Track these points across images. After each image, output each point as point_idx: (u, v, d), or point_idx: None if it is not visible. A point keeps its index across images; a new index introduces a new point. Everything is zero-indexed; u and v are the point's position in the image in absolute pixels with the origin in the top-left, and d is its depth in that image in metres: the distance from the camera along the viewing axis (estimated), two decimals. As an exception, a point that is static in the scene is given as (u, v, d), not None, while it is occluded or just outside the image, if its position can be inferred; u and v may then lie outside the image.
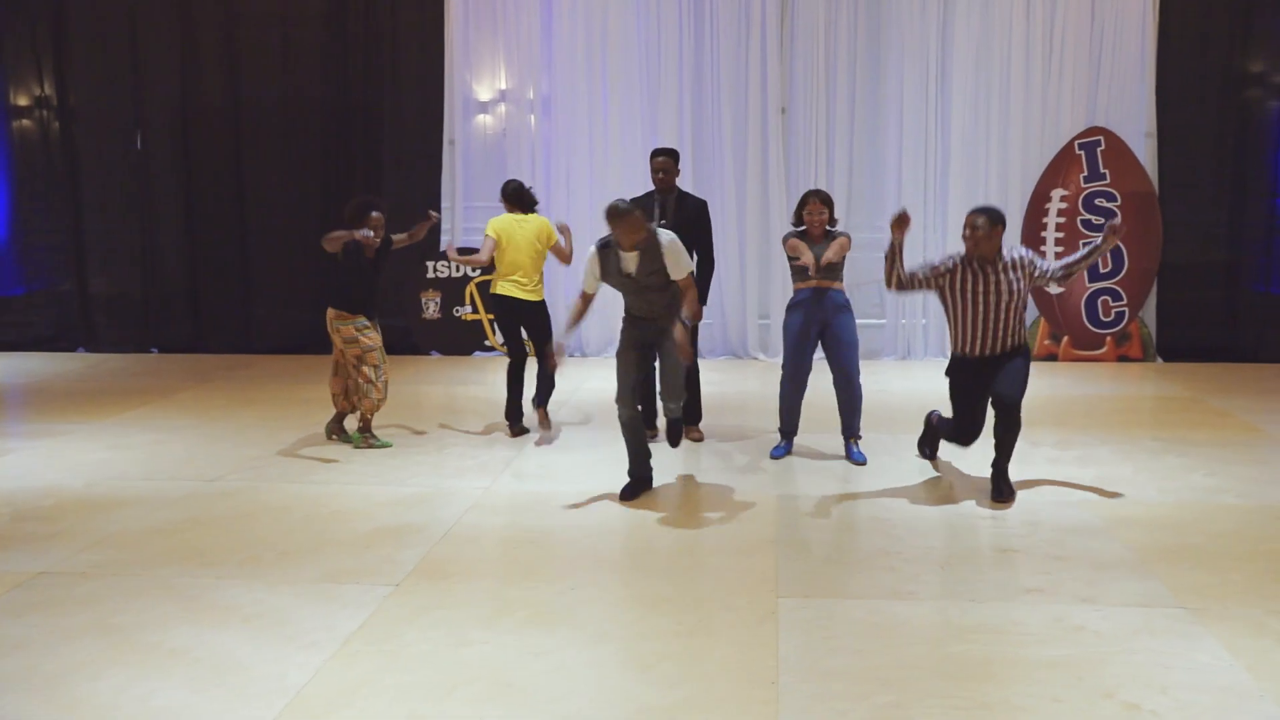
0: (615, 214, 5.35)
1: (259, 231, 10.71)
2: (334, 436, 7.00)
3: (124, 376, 9.57)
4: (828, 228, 6.34)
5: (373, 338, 6.67)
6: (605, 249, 5.54)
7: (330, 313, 6.66)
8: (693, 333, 6.09)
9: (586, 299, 5.69)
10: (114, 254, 10.95)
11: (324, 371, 9.58)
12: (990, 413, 5.58)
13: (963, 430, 5.67)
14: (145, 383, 9.21)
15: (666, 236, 5.49)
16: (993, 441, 5.60)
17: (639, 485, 5.77)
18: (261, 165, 10.66)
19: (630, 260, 5.48)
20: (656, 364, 5.84)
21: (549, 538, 5.11)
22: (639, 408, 5.74)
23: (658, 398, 6.34)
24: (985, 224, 5.30)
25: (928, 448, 6.31)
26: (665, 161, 6.69)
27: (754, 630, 4.01)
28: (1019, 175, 9.91)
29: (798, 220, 6.38)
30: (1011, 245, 5.52)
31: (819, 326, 6.30)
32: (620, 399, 5.66)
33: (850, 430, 6.42)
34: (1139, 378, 9.26)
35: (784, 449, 6.52)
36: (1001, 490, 5.58)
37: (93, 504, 5.67)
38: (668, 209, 6.67)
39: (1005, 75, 9.80)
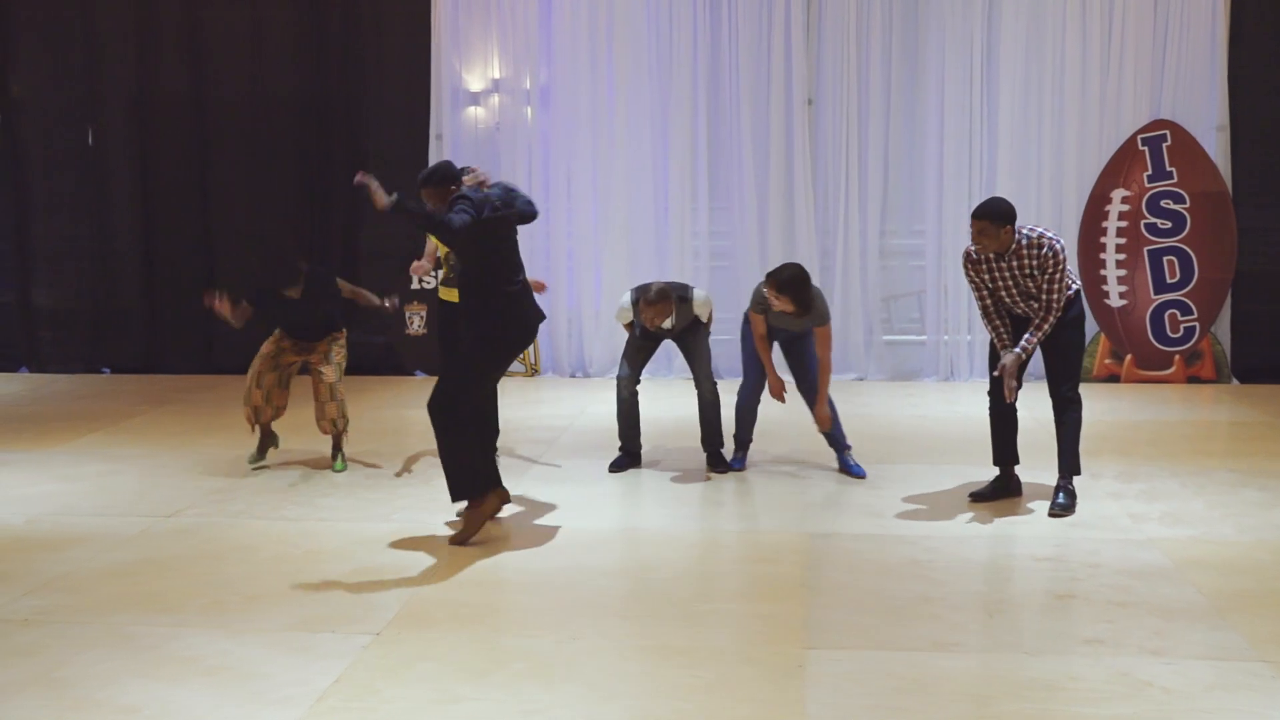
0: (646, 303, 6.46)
1: (224, 237, 10.74)
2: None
3: (72, 399, 9.60)
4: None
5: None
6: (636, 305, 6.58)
7: None
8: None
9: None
10: (62, 262, 10.98)
11: (295, 393, 9.59)
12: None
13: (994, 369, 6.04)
14: (96, 406, 9.23)
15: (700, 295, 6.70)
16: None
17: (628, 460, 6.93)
18: (228, 163, 10.70)
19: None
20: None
21: (548, 581, 5.10)
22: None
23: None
24: (987, 226, 5.79)
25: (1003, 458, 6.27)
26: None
27: (779, 686, 3.99)
28: (1075, 174, 9.91)
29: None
30: (1042, 232, 5.86)
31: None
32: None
33: (836, 442, 6.66)
34: (1212, 401, 9.24)
35: (741, 461, 6.88)
36: (1057, 499, 5.99)
37: (36, 543, 5.67)
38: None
39: (1059, 62, 9.81)
